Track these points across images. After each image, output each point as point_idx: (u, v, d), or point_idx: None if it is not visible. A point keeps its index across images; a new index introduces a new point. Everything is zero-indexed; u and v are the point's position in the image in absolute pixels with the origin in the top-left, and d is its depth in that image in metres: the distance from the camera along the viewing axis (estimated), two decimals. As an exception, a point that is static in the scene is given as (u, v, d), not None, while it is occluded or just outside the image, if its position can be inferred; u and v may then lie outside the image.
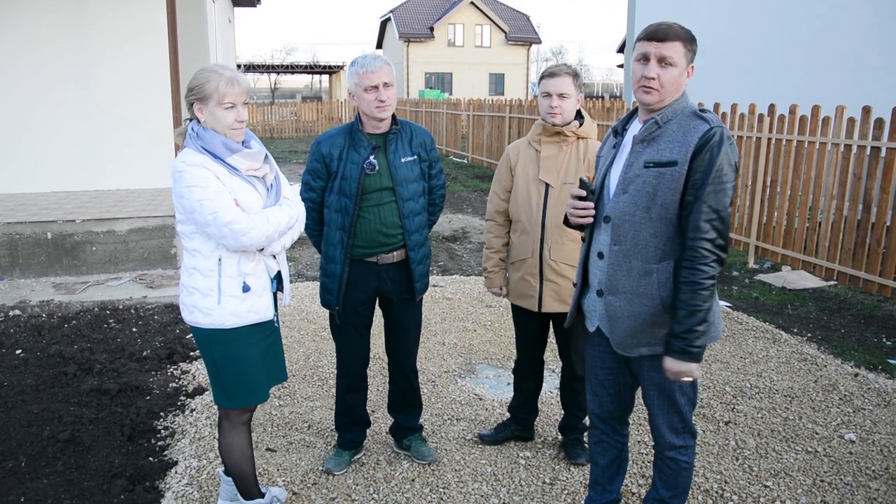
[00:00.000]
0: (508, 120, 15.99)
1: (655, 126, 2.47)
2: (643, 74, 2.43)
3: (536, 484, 3.56)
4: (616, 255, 2.53)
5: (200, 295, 2.78)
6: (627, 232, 2.50)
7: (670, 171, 2.41)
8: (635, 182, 2.47)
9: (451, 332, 5.78)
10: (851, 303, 6.72)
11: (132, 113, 9.01)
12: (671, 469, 2.73)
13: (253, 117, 30.67)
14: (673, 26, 2.43)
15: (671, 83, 2.42)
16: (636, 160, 2.49)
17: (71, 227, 7.18)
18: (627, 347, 2.59)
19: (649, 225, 2.46)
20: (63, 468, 3.68)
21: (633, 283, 2.52)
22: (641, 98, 2.47)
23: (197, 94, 2.70)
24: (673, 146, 2.42)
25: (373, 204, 3.36)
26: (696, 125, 2.42)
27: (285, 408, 4.40)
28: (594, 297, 2.67)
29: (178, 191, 2.69)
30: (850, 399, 4.54)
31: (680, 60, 2.41)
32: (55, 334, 5.67)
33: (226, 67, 2.74)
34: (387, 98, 3.26)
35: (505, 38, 47.14)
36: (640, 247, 2.49)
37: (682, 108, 2.48)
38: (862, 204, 6.86)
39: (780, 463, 3.76)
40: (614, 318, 2.57)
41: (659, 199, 2.43)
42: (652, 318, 2.52)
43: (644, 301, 2.51)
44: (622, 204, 2.50)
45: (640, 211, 2.46)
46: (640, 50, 2.45)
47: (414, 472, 3.66)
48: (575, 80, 3.41)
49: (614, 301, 2.56)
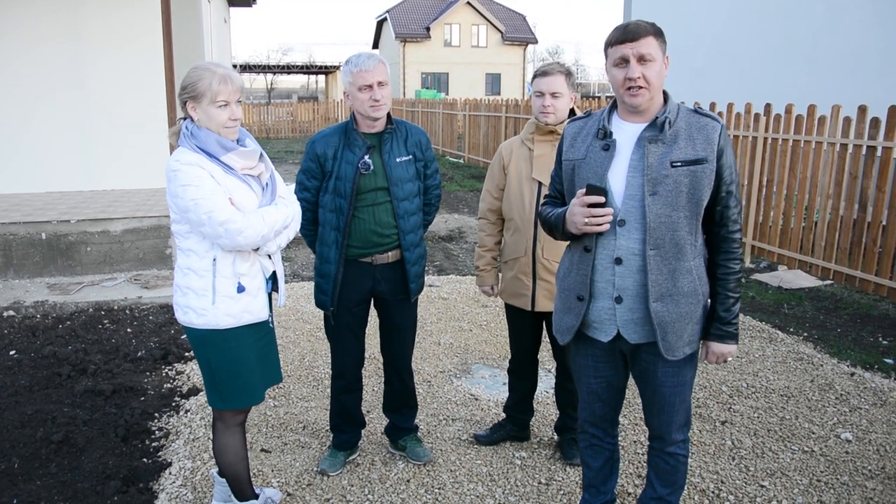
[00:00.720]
0: (505, 120, 15.98)
1: (668, 125, 2.43)
2: (627, 76, 2.39)
3: (532, 484, 3.55)
4: (655, 260, 2.45)
5: (195, 295, 2.76)
6: (665, 234, 2.44)
7: (701, 168, 2.40)
8: (664, 183, 2.41)
9: (446, 332, 5.76)
10: (847, 302, 6.72)
11: (127, 113, 8.98)
12: (670, 465, 2.72)
13: (249, 117, 30.67)
14: (640, 23, 2.41)
15: (656, 78, 2.40)
16: (656, 160, 2.42)
17: (65, 227, 7.16)
18: (676, 350, 2.53)
19: (685, 224, 2.44)
20: (56, 469, 3.66)
21: (678, 285, 2.47)
22: (631, 101, 2.42)
23: (190, 92, 2.67)
24: (695, 144, 2.42)
25: (367, 204, 3.34)
26: (707, 122, 2.45)
27: (280, 408, 4.38)
28: (607, 305, 2.56)
29: (173, 190, 2.66)
30: (846, 398, 4.54)
31: (657, 55, 2.39)
32: (49, 335, 5.64)
33: (219, 65, 2.72)
34: (381, 97, 3.24)
35: (501, 38, 47.12)
36: (680, 247, 2.45)
37: (677, 105, 2.48)
38: (858, 203, 6.86)
39: (776, 462, 3.75)
40: (664, 323, 2.49)
41: (694, 197, 2.42)
42: (695, 315, 2.53)
43: (690, 300, 2.50)
44: (655, 206, 2.42)
45: (676, 211, 2.42)
46: (615, 55, 2.41)
47: (409, 473, 3.64)
48: (568, 78, 3.40)
49: (661, 307, 2.48)
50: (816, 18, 12.17)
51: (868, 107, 6.86)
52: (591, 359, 2.72)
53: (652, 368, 2.62)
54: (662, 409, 2.66)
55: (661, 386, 2.63)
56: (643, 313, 2.51)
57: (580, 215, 2.47)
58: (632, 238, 2.47)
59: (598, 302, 2.58)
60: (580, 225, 2.48)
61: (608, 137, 2.52)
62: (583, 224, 2.47)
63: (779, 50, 12.91)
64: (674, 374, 2.60)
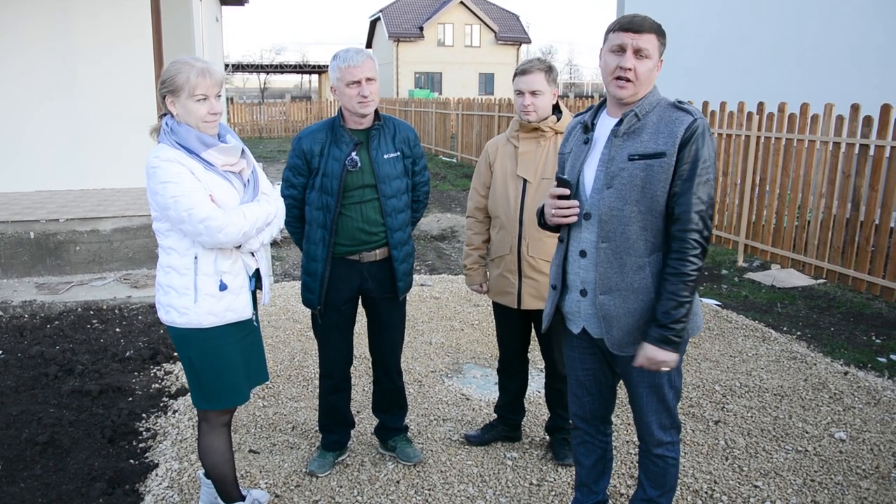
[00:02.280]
0: (498, 119, 15.95)
1: (635, 119, 2.43)
2: (619, 65, 2.37)
3: (523, 485, 3.51)
4: (605, 253, 2.46)
5: (176, 294, 2.71)
6: (616, 227, 2.43)
7: (658, 162, 2.37)
8: (620, 176, 2.41)
9: (438, 332, 5.72)
10: (840, 301, 6.70)
11: (117, 112, 8.92)
12: (658, 467, 2.69)
13: (242, 117, 30.59)
14: (647, 19, 2.40)
15: (646, 75, 2.39)
16: (617, 154, 2.43)
17: (54, 226, 7.09)
18: (624, 346, 2.51)
19: (639, 218, 2.41)
20: (41, 471, 3.60)
21: (626, 280, 2.45)
22: (616, 92, 2.42)
23: (168, 86, 2.62)
24: (658, 137, 2.39)
25: (355, 201, 3.30)
26: (678, 116, 2.40)
27: (269, 408, 4.33)
28: (576, 297, 2.59)
29: (152, 187, 2.62)
30: (839, 397, 4.51)
31: (654, 53, 2.39)
32: (37, 335, 5.58)
33: (198, 59, 2.66)
34: (369, 93, 3.19)
35: (494, 37, 47.11)
36: (631, 241, 2.43)
37: (657, 100, 2.46)
38: (851, 202, 6.85)
39: (770, 462, 3.72)
40: (609, 317, 2.50)
41: (648, 192, 2.38)
42: (648, 312, 2.46)
43: (639, 296, 2.46)
44: (608, 199, 2.43)
45: (629, 205, 2.40)
46: (614, 41, 2.39)
47: (399, 474, 3.60)
48: (548, 74, 3.36)
49: (607, 300, 2.48)
50: (810, 17, 12.17)
51: (861, 105, 6.84)
52: (577, 350, 2.72)
53: (626, 368, 2.60)
54: (640, 409, 2.64)
55: (636, 386, 2.61)
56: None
57: (549, 207, 2.54)
58: (593, 231, 2.49)
59: (570, 294, 2.62)
60: (549, 217, 2.56)
61: (589, 132, 2.56)
62: (550, 216, 2.54)
63: (772, 49, 12.90)
64: (648, 375, 2.55)
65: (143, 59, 8.61)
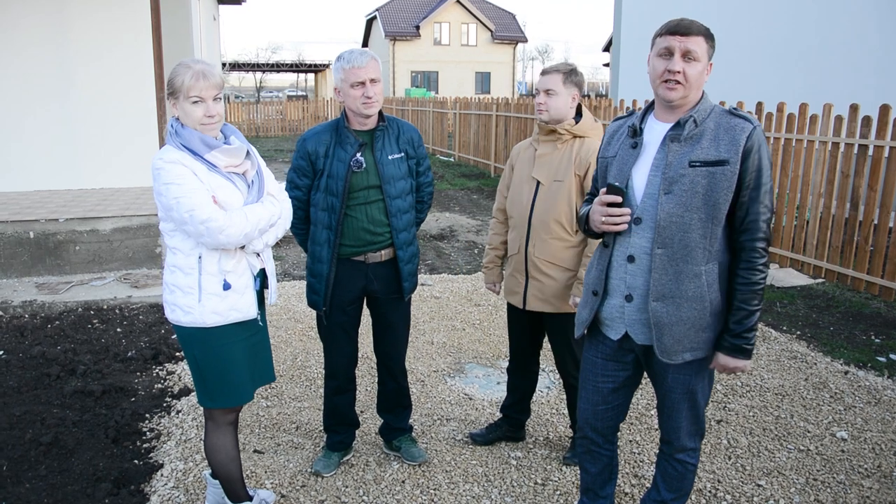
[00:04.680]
0: (495, 118, 15.94)
1: (694, 124, 2.38)
2: (668, 68, 2.34)
3: (528, 485, 3.52)
4: (661, 260, 2.42)
5: (181, 293, 2.73)
6: (675, 234, 2.39)
7: (721, 170, 2.33)
8: (680, 182, 2.37)
9: (439, 332, 5.73)
10: (839, 300, 6.72)
11: (116, 112, 8.90)
12: (678, 472, 2.69)
13: (238, 116, 30.53)
14: (695, 22, 2.37)
15: (696, 78, 2.35)
16: (676, 159, 2.38)
17: (54, 226, 7.08)
18: (673, 354, 2.48)
19: (699, 226, 2.37)
20: (46, 472, 3.60)
21: (682, 288, 2.42)
22: (665, 95, 2.38)
23: (169, 88, 2.67)
24: (719, 144, 2.35)
25: (360, 202, 3.31)
26: (738, 123, 2.37)
27: (273, 409, 4.34)
28: (619, 303, 2.55)
29: (157, 188, 2.66)
30: (840, 397, 4.53)
31: (703, 56, 2.35)
32: (38, 335, 5.58)
33: (199, 62, 2.69)
34: (374, 94, 3.20)
35: (491, 36, 47.12)
36: (689, 249, 2.39)
37: (711, 105, 2.43)
38: (850, 202, 6.87)
39: (772, 462, 3.74)
40: (661, 325, 2.45)
41: (710, 199, 2.35)
42: (699, 321, 2.45)
43: (693, 305, 2.43)
44: (667, 205, 2.38)
45: (690, 212, 2.36)
46: (662, 45, 2.36)
47: (404, 474, 3.61)
48: (566, 77, 3.38)
49: (660, 308, 2.45)
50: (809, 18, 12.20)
51: (860, 105, 6.87)
52: (601, 356, 2.69)
53: (662, 373, 2.58)
54: (671, 414, 2.63)
55: (670, 391, 2.59)
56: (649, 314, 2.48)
57: (598, 213, 2.49)
58: (645, 237, 2.45)
59: (612, 299, 2.57)
60: (598, 224, 2.50)
61: (637, 136, 2.51)
62: (600, 223, 2.49)
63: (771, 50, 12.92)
64: (683, 381, 2.55)
65: (142, 58, 8.59)
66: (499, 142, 15.82)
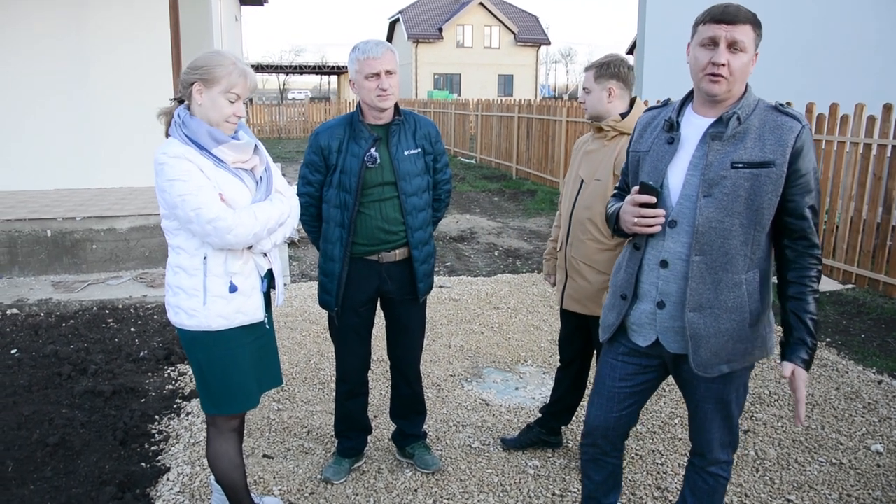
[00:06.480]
0: (517, 120, 15.80)
1: (738, 122, 2.20)
2: (712, 60, 2.15)
3: (546, 496, 3.37)
4: (699, 267, 2.25)
5: (185, 295, 2.62)
6: (714, 240, 2.22)
7: (766, 172, 2.16)
8: (721, 185, 2.19)
9: (457, 335, 5.60)
10: (871, 307, 6.51)
11: (134, 110, 8.86)
12: (709, 485, 2.54)
13: (261, 117, 30.71)
14: (742, 8, 2.16)
15: (741, 71, 2.16)
16: (717, 159, 2.20)
17: (71, 224, 7.05)
18: (709, 368, 2.32)
19: (740, 232, 2.21)
20: (51, 474, 3.52)
21: (720, 298, 2.26)
22: (708, 88, 2.19)
23: (204, 73, 2.50)
24: (764, 144, 2.17)
25: (374, 199, 3.18)
26: (785, 122, 2.18)
27: (284, 412, 4.23)
28: (649, 308, 2.38)
29: (160, 184, 2.51)
30: (874, 407, 4.34)
31: (750, 46, 2.16)
32: (52, 333, 5.52)
33: (239, 59, 2.56)
34: (389, 87, 3.07)
35: (514, 39, 46.97)
36: (730, 257, 2.23)
37: (755, 100, 2.24)
38: (882, 205, 6.66)
39: (803, 475, 3.57)
40: (697, 336, 2.28)
41: (754, 204, 2.18)
42: (739, 333, 2.29)
43: (733, 316, 2.27)
44: (706, 209, 2.21)
45: (731, 217, 2.20)
46: (705, 34, 2.17)
47: (417, 482, 3.48)
48: (598, 71, 3.25)
49: (697, 318, 2.28)
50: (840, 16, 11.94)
51: (894, 105, 6.66)
52: (620, 359, 2.52)
53: (693, 382, 2.42)
54: (703, 426, 2.47)
55: (702, 402, 2.44)
56: (684, 322, 2.31)
57: (630, 214, 2.31)
58: (680, 241, 2.28)
59: (641, 304, 2.40)
60: (629, 225, 2.32)
61: (674, 130, 2.32)
62: (632, 224, 2.31)
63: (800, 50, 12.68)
64: (717, 392, 2.39)
65: (160, 57, 8.58)
66: (521, 144, 15.67)
